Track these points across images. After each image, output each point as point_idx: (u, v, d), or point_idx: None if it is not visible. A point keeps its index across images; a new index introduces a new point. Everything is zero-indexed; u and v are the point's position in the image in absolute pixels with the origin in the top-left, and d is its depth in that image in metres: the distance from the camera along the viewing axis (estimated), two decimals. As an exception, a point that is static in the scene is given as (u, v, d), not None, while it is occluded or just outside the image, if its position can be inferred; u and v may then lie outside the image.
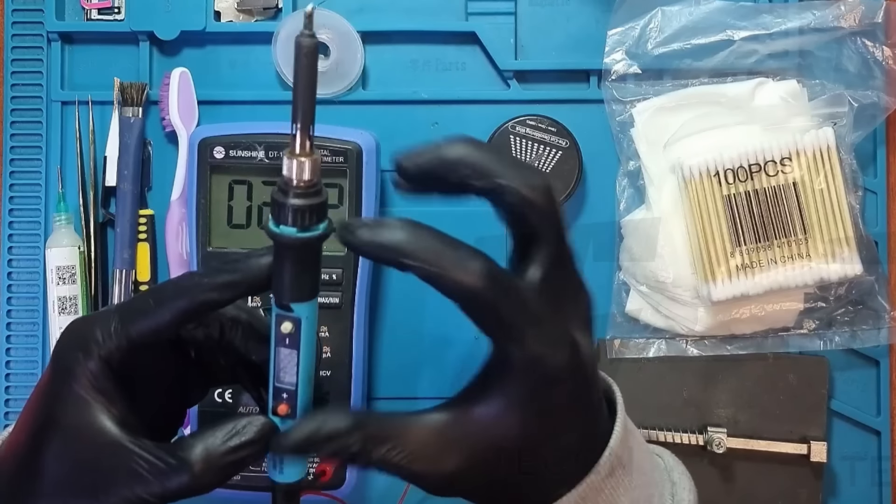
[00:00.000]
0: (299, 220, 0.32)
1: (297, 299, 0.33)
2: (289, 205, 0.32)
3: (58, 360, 0.34)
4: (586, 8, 0.57)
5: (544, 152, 0.54)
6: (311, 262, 0.34)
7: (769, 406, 0.56)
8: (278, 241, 0.32)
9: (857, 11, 0.55)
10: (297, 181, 0.32)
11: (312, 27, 0.31)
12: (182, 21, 0.56)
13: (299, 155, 0.32)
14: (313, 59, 0.32)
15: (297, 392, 0.34)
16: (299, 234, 0.32)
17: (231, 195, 0.52)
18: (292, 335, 0.34)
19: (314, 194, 0.33)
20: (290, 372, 0.34)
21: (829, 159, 0.53)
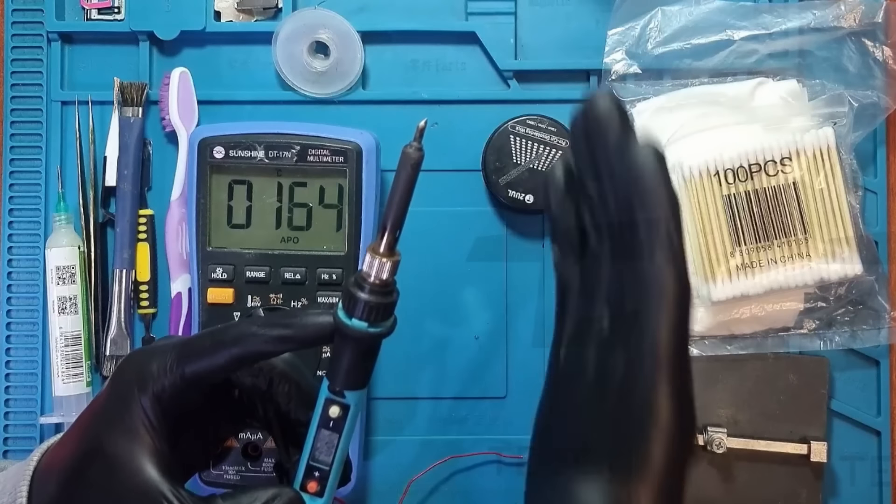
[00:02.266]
0: (370, 316, 0.34)
1: (350, 388, 0.35)
2: (363, 300, 0.33)
3: (114, 388, 0.35)
4: (586, 8, 0.57)
5: (544, 152, 0.54)
6: (371, 355, 0.35)
7: (769, 406, 0.56)
8: (346, 332, 0.34)
9: (857, 11, 0.55)
10: (374, 279, 0.33)
11: (421, 139, 0.33)
12: (182, 21, 0.56)
13: (382, 255, 0.34)
14: (416, 171, 0.33)
15: (329, 472, 0.35)
16: (369, 329, 0.34)
17: (231, 195, 0.52)
18: (338, 420, 0.35)
19: (388, 293, 0.34)
20: (327, 453, 0.35)
21: (829, 159, 0.53)
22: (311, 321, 0.35)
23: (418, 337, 0.57)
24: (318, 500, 0.36)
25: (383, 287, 0.34)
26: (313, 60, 0.56)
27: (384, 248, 0.34)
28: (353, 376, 0.35)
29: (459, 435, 0.56)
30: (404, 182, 0.33)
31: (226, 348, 0.35)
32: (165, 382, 0.34)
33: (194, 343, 0.35)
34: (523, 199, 0.54)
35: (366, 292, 0.33)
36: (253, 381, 0.38)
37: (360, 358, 0.35)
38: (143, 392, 0.34)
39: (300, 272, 0.51)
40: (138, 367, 0.35)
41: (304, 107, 0.57)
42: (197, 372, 0.34)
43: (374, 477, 0.56)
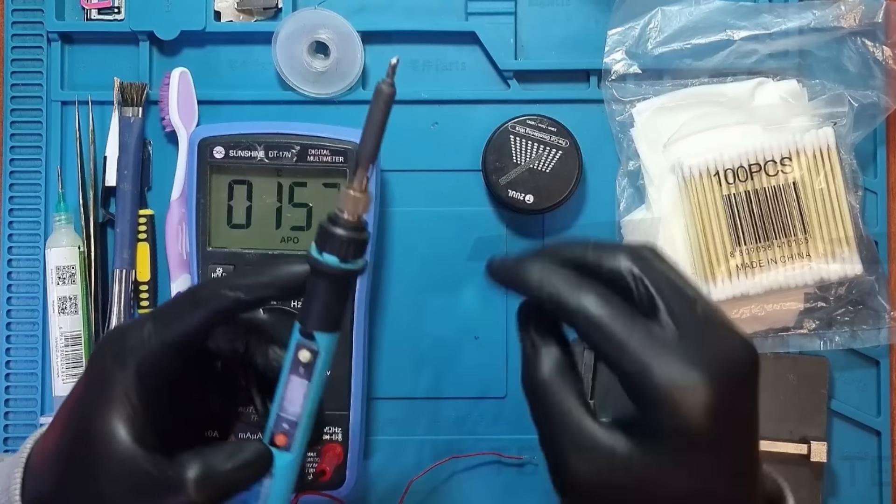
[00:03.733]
0: (342, 251, 0.33)
1: (321, 328, 0.34)
2: (336, 235, 0.33)
3: (92, 364, 0.35)
4: (586, 8, 0.57)
5: (544, 152, 0.54)
6: (342, 295, 0.35)
7: (769, 406, 0.55)
8: (317, 268, 0.34)
9: (857, 11, 0.55)
10: (349, 215, 0.33)
11: (394, 76, 0.33)
12: (182, 21, 0.56)
13: (356, 191, 0.34)
14: (388, 106, 0.33)
15: (298, 424, 0.35)
16: (340, 264, 0.33)
17: (231, 195, 0.52)
18: (308, 365, 0.34)
19: (361, 230, 0.34)
20: (296, 403, 0.35)
21: (829, 159, 0.53)
22: (284, 270, 0.35)
23: (418, 337, 0.57)
24: (287, 456, 0.35)
25: (357, 224, 0.34)
26: (313, 60, 0.56)
27: (357, 184, 0.33)
28: (325, 316, 0.34)
29: (459, 435, 0.56)
30: (377, 118, 0.33)
31: (202, 306, 0.35)
32: (145, 352, 0.34)
33: (170, 307, 0.35)
34: (523, 199, 0.54)
35: (340, 227, 0.33)
36: (231, 345, 0.38)
37: (331, 296, 0.34)
38: (120, 364, 0.34)
39: (300, 272, 0.51)
40: (115, 341, 0.35)
41: (304, 107, 0.57)
42: (176, 336, 0.34)
43: (374, 477, 0.56)
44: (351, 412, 0.52)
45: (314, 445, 0.38)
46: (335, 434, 0.52)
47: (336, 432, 0.52)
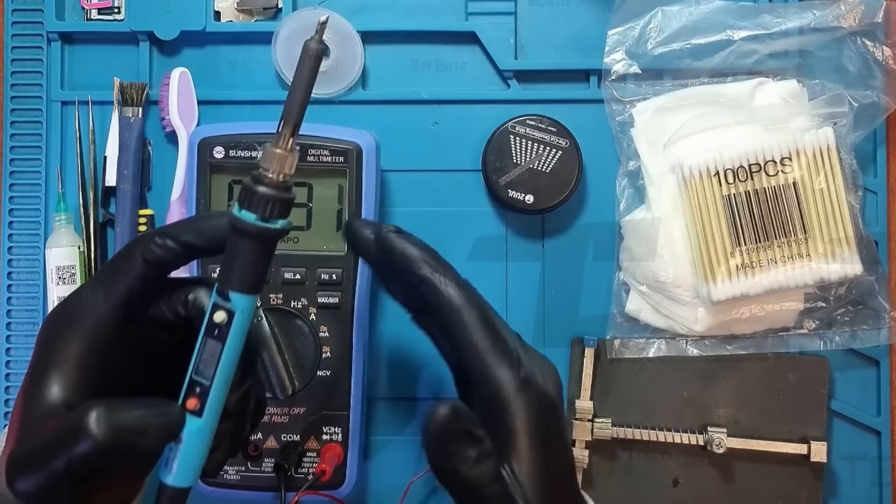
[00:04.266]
0: (263, 210, 0.33)
1: (237, 289, 0.33)
2: (258, 192, 0.33)
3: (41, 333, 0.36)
4: (586, 8, 0.57)
5: (544, 152, 0.54)
6: (262, 256, 0.34)
7: (769, 406, 0.56)
8: (237, 226, 0.33)
9: (857, 11, 0.55)
10: (272, 173, 0.33)
11: (323, 35, 0.33)
12: (182, 21, 0.56)
13: (281, 148, 0.33)
14: (316, 64, 0.33)
15: (210, 387, 0.33)
16: (258, 222, 0.33)
17: (231, 195, 0.52)
18: (223, 327, 0.33)
19: (284, 189, 0.33)
20: (209, 365, 0.33)
21: (829, 159, 0.53)
22: (209, 221, 0.35)
23: (418, 337, 0.56)
24: (197, 420, 0.33)
25: (281, 183, 0.33)
26: (313, 60, 0.56)
27: (283, 142, 0.33)
28: (242, 276, 0.33)
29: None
30: (305, 76, 0.33)
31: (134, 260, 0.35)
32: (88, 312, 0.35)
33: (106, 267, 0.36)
34: (523, 199, 0.54)
35: (263, 185, 0.33)
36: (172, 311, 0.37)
37: (251, 255, 0.33)
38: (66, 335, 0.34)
39: (300, 272, 0.51)
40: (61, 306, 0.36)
41: (304, 107, 0.57)
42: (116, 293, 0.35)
43: (374, 477, 0.56)
44: (351, 412, 0.52)
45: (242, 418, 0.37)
46: (335, 434, 0.52)
47: (336, 432, 0.52)
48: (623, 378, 0.56)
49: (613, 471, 0.56)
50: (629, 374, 0.56)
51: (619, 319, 0.56)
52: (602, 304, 0.56)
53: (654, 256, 0.54)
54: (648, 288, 0.55)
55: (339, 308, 0.51)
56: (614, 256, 0.56)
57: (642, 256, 0.54)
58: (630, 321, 0.56)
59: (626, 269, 0.56)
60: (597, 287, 0.57)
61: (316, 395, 0.51)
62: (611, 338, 0.56)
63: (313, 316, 0.51)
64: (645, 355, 0.56)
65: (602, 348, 0.56)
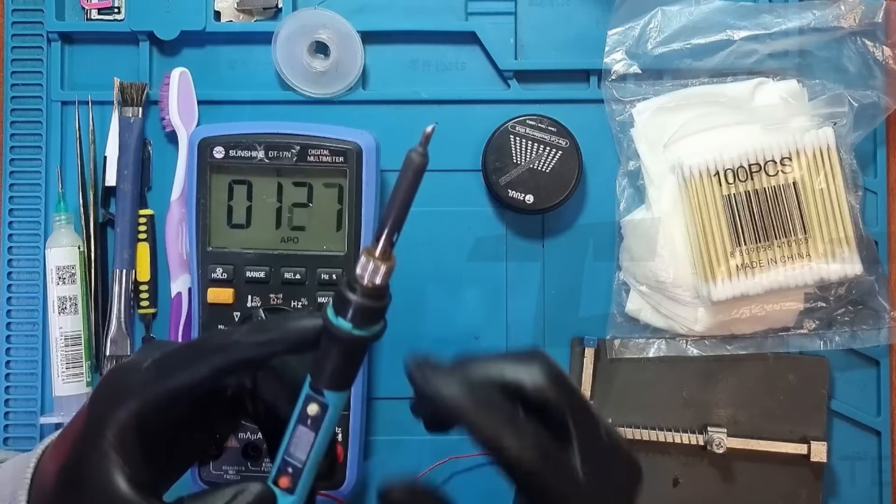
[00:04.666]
0: (358, 319, 0.33)
1: (332, 388, 0.34)
2: (353, 301, 0.33)
3: (92, 407, 0.35)
4: (586, 8, 0.57)
5: (544, 152, 0.54)
6: (357, 358, 0.34)
7: (769, 406, 0.56)
8: (331, 332, 0.33)
9: (857, 11, 0.55)
10: (367, 282, 0.33)
11: (427, 146, 0.32)
12: (182, 21, 0.56)
13: (378, 258, 0.33)
14: (419, 177, 0.32)
15: (303, 470, 0.35)
16: (354, 330, 0.33)
17: (231, 195, 0.52)
18: (316, 418, 0.35)
19: (379, 297, 0.33)
20: (302, 450, 0.35)
21: (829, 159, 0.53)
22: (294, 326, 0.34)
23: (418, 337, 0.57)
24: (289, 497, 0.35)
25: (375, 291, 0.33)
26: (313, 60, 0.56)
27: (380, 252, 0.33)
28: (336, 377, 0.34)
29: (459, 435, 0.56)
30: (406, 187, 0.32)
31: (208, 359, 0.34)
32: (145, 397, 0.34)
33: (175, 356, 0.35)
34: (523, 199, 0.54)
35: (357, 294, 0.33)
36: (238, 380, 0.38)
37: (344, 359, 0.34)
38: (120, 406, 0.34)
39: (300, 272, 0.51)
40: (116, 385, 0.35)
41: (304, 107, 0.57)
42: (180, 386, 0.34)
43: (375, 477, 0.56)
44: (351, 412, 0.52)
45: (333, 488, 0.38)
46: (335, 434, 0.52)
47: (336, 432, 0.52)
48: (623, 378, 0.56)
49: (613, 471, 0.56)
50: (629, 374, 0.56)
51: (619, 319, 0.56)
52: (602, 304, 0.56)
53: (654, 256, 0.54)
54: (648, 288, 0.55)
55: (339, 308, 0.51)
56: (614, 256, 0.56)
57: (642, 256, 0.54)
58: (630, 321, 0.56)
59: (626, 269, 0.56)
60: (597, 287, 0.57)
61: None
62: (611, 338, 0.56)
63: (313, 316, 0.51)
64: (645, 355, 0.56)
65: (602, 348, 0.56)
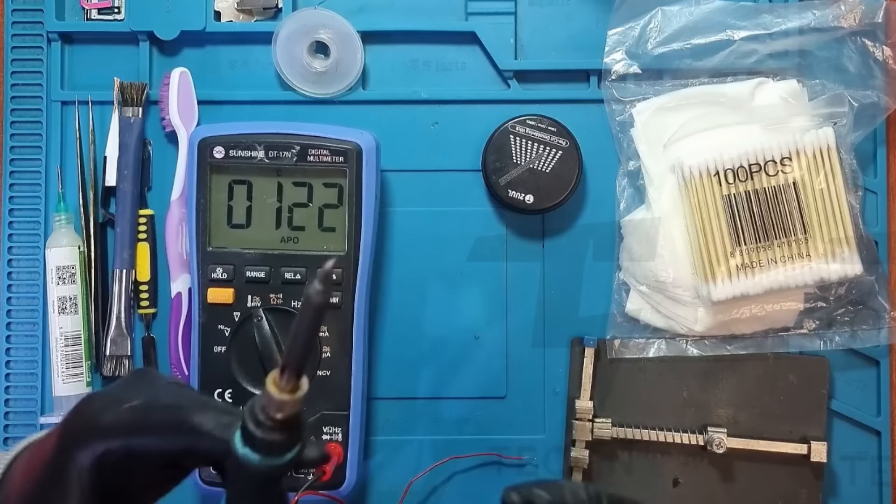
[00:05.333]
0: (265, 450, 0.31)
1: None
2: (258, 437, 0.31)
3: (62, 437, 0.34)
4: (586, 8, 0.57)
5: (544, 152, 0.54)
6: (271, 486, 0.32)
7: (769, 406, 0.56)
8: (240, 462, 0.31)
9: (857, 11, 0.55)
10: (274, 414, 0.31)
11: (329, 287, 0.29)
12: (182, 21, 0.56)
13: (282, 392, 0.30)
14: (321, 315, 0.30)
15: None
16: (261, 461, 0.31)
17: (231, 195, 0.52)
18: None
19: (287, 429, 0.31)
20: None
21: (829, 159, 0.53)
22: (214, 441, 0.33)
23: (418, 337, 0.57)
24: None
25: (282, 424, 0.31)
26: (313, 60, 0.56)
27: (284, 385, 0.30)
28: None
29: (459, 435, 0.56)
30: (308, 326, 0.30)
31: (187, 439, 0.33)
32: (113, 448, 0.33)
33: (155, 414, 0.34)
34: (523, 199, 0.54)
35: (261, 429, 0.31)
36: None
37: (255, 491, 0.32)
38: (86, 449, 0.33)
39: (300, 272, 0.51)
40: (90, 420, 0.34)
41: (304, 107, 0.57)
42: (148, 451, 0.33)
43: (374, 477, 0.56)
44: (351, 412, 0.52)
45: None
46: (335, 434, 0.52)
47: (336, 432, 0.52)
48: (623, 378, 0.56)
49: (613, 471, 0.56)
50: (629, 374, 0.56)
51: (619, 319, 0.56)
52: (602, 304, 0.56)
53: (654, 256, 0.54)
54: (648, 288, 0.55)
55: (339, 308, 0.51)
56: (614, 256, 0.56)
57: (642, 256, 0.54)
58: (630, 321, 0.56)
59: (626, 269, 0.56)
60: (597, 287, 0.57)
61: (316, 395, 0.51)
62: (611, 338, 0.56)
63: (313, 316, 0.51)
64: (645, 355, 0.56)
65: (602, 348, 0.56)
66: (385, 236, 0.57)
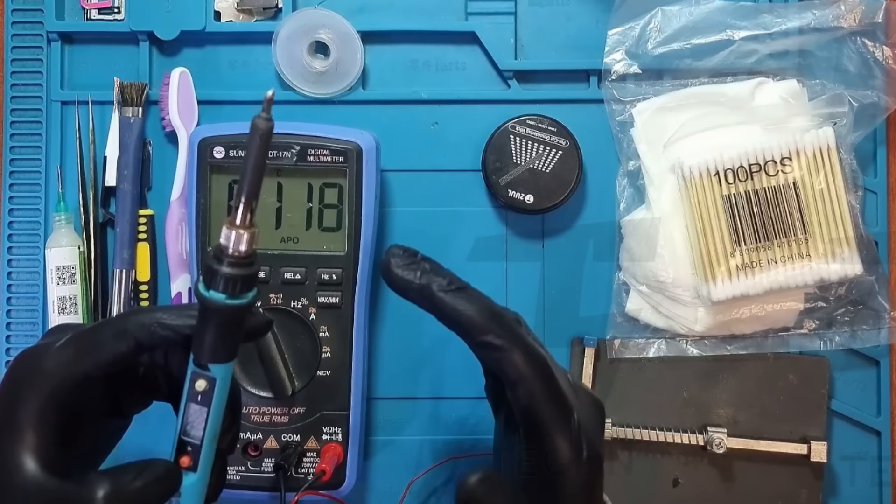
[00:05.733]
0: (230, 288, 0.34)
1: (215, 361, 0.35)
2: (221, 272, 0.33)
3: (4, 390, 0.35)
4: (586, 8, 0.57)
5: (544, 152, 0.54)
6: (234, 327, 0.35)
7: (769, 406, 0.56)
8: (205, 305, 0.34)
9: (857, 11, 0.55)
10: (232, 251, 0.33)
11: (270, 111, 0.32)
12: (182, 21, 0.56)
13: (239, 227, 0.33)
14: (267, 141, 0.33)
15: (201, 447, 0.36)
16: (227, 300, 0.34)
17: (231, 195, 0.52)
18: (205, 393, 0.35)
19: (247, 265, 0.34)
20: (197, 427, 0.36)
21: (829, 159, 0.53)
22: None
23: (418, 337, 0.57)
24: (192, 475, 0.36)
25: (242, 259, 0.33)
26: (313, 60, 0.56)
27: (240, 221, 0.33)
28: (217, 349, 0.35)
29: (459, 435, 0.56)
30: (256, 153, 0.33)
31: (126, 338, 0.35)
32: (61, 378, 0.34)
33: (92, 334, 0.36)
34: (523, 199, 0.54)
35: (224, 265, 0.33)
36: (151, 357, 0.38)
37: (222, 330, 0.34)
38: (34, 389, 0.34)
39: (300, 272, 0.51)
40: (30, 366, 0.35)
41: (304, 107, 0.57)
42: (97, 365, 0.35)
43: (374, 477, 0.56)
44: (351, 412, 0.52)
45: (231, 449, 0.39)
46: (335, 434, 0.52)
47: (336, 432, 0.52)
48: (623, 378, 0.56)
49: (613, 471, 0.56)
50: (629, 374, 0.56)
51: (619, 319, 0.56)
52: (602, 304, 0.56)
53: (654, 256, 0.54)
54: (648, 288, 0.55)
55: (339, 308, 0.51)
56: (614, 256, 0.56)
57: (642, 256, 0.54)
58: (630, 321, 0.56)
59: (626, 269, 0.56)
60: (597, 287, 0.57)
61: (316, 395, 0.51)
62: (611, 338, 0.56)
63: (313, 316, 0.51)
64: (645, 355, 0.56)
65: (602, 348, 0.56)
66: (385, 236, 0.56)
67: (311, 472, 0.51)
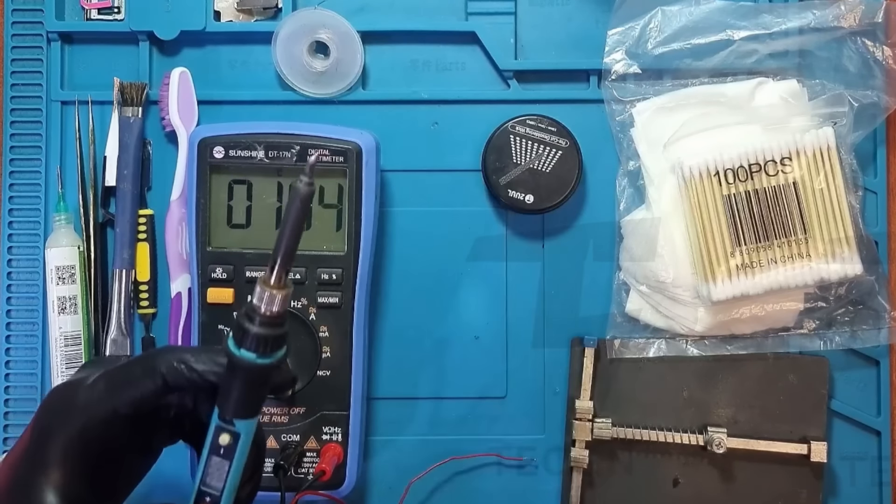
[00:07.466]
0: (261, 348, 0.34)
1: (240, 416, 0.35)
2: (253, 333, 0.34)
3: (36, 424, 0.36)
4: (586, 8, 0.57)
5: (544, 152, 0.54)
6: (261, 386, 0.35)
7: (769, 406, 0.56)
8: (234, 363, 0.34)
9: (857, 11, 0.55)
10: (265, 310, 0.34)
11: (313, 176, 0.32)
12: (182, 21, 0.56)
13: (273, 287, 0.34)
14: (307, 205, 0.33)
15: (220, 499, 0.36)
16: (257, 360, 0.34)
17: (231, 195, 0.52)
18: (228, 447, 0.36)
19: (279, 325, 0.34)
20: (217, 479, 0.36)
21: (829, 159, 0.53)
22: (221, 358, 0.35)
23: (418, 337, 0.57)
24: None
25: (273, 319, 0.34)
26: (313, 60, 0.56)
27: (275, 281, 0.33)
28: (243, 406, 0.35)
29: (459, 435, 0.56)
30: (294, 216, 0.33)
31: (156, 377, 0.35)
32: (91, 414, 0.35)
33: (123, 372, 0.36)
34: (523, 199, 0.54)
35: (255, 324, 0.34)
36: (179, 398, 0.38)
37: (249, 388, 0.35)
38: (65, 425, 0.35)
39: (300, 272, 0.51)
40: (64, 401, 0.36)
41: (304, 107, 0.57)
42: (127, 402, 0.35)
43: (374, 477, 0.56)
44: (351, 412, 0.52)
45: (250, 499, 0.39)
46: (335, 434, 0.52)
47: (336, 432, 0.52)
48: (623, 378, 0.56)
49: (613, 471, 0.56)
50: (629, 374, 0.56)
51: (619, 319, 0.56)
52: (602, 304, 0.56)
53: (654, 256, 0.54)
54: (648, 288, 0.55)
55: (339, 308, 0.51)
56: (614, 256, 0.56)
57: (642, 256, 0.54)
58: (630, 321, 0.56)
59: (626, 269, 0.56)
60: (597, 287, 0.57)
61: (316, 395, 0.51)
62: (611, 338, 0.56)
63: (313, 316, 0.51)
64: (645, 355, 0.56)
65: (602, 348, 0.56)
66: (385, 236, 0.57)
67: (310, 472, 0.51)
